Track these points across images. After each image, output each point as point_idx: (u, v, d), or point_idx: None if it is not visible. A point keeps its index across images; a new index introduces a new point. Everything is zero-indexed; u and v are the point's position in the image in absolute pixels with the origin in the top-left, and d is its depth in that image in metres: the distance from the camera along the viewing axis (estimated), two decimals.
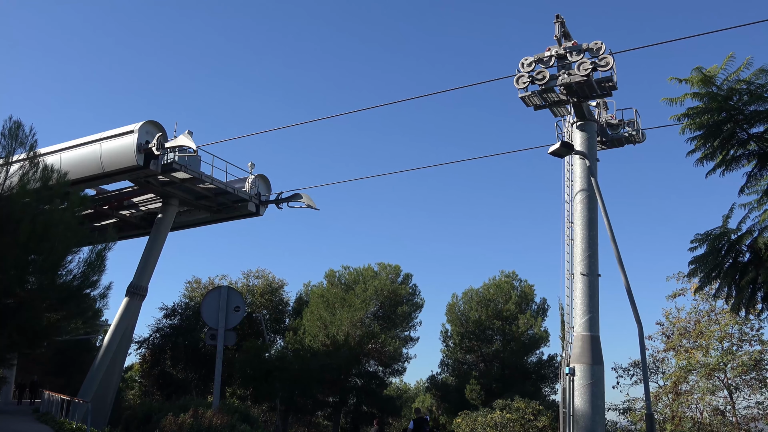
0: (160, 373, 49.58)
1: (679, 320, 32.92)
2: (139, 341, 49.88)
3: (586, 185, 23.03)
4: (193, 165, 31.92)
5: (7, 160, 14.00)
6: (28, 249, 13.49)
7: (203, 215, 37.42)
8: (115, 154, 30.27)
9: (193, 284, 52.75)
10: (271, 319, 51.98)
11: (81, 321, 16.35)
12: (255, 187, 35.43)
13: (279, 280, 53.82)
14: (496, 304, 46.11)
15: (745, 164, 15.66)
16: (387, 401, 48.64)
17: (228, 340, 16.35)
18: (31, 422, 30.21)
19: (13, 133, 14.14)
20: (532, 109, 23.20)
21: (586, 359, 21.77)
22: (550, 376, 45.47)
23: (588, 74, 21.10)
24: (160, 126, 30.63)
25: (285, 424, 45.90)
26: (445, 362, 49.00)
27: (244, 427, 14.75)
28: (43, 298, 13.83)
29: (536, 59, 22.17)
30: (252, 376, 43.14)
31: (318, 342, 44.75)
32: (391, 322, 46.79)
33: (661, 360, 33.97)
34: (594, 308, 22.31)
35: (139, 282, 34.95)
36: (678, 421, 32.06)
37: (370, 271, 48.18)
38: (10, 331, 13.29)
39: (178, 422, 14.43)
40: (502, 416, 33.01)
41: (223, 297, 16.42)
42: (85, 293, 14.67)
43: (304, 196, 34.74)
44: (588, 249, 22.67)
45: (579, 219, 23.04)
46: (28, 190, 14.00)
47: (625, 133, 25.49)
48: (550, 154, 17.70)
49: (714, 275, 16.87)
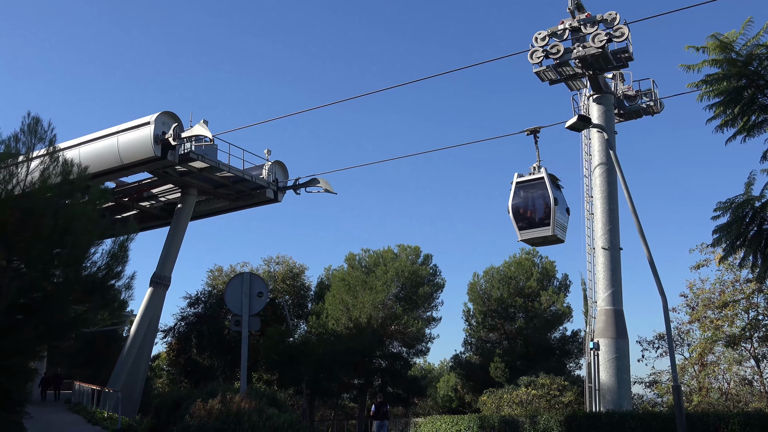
0: (186, 360, 50.19)
1: (704, 291, 32.65)
2: (165, 330, 50.49)
3: (605, 158, 22.86)
4: (210, 154, 32.08)
5: (27, 155, 14.14)
6: (51, 243, 13.65)
7: (222, 203, 37.66)
8: (133, 146, 30.49)
9: (215, 272, 53.19)
10: (293, 305, 52.31)
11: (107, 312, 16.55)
12: (272, 173, 35.55)
13: (300, 266, 54.12)
14: (517, 281, 46.03)
15: (767, 130, 15.44)
16: (412, 382, 48.93)
17: (252, 325, 16.46)
18: (64, 412, 30.83)
19: (32, 128, 14.27)
20: (547, 83, 23.00)
21: (611, 333, 21.73)
22: (574, 351, 45.42)
23: (603, 46, 20.84)
24: (176, 116, 30.78)
25: (312, 408, 46.35)
26: (469, 341, 49.11)
27: (272, 411, 14.86)
28: (69, 291, 14.00)
29: (550, 33, 21.92)
30: (277, 361, 43.54)
31: (341, 325, 45.02)
32: (412, 303, 46.92)
33: (686, 332, 33.79)
34: (617, 282, 22.23)
35: (162, 272, 35.34)
36: (705, 392, 31.94)
37: (390, 253, 48.27)
38: (38, 324, 13.50)
39: (207, 408, 14.57)
40: (527, 393, 33.01)
41: (245, 283, 16.51)
42: (109, 284, 14.84)
43: (322, 181, 34.80)
44: (609, 223, 22.54)
45: (598, 193, 22.89)
46: (49, 185, 14.14)
47: (643, 104, 25.23)
48: (568, 129, 17.55)
49: (738, 244, 16.71)
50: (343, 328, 44.73)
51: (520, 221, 20.63)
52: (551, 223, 19.96)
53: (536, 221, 20.34)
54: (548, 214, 19.95)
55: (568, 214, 21.08)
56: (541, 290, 45.37)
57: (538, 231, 20.27)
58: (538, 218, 20.32)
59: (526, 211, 20.57)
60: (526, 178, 20.61)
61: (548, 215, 19.95)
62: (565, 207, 20.99)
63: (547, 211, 19.99)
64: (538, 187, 20.29)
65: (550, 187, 20.02)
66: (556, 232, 20.25)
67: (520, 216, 20.63)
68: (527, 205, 20.57)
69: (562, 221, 20.60)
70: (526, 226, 20.52)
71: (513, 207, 20.69)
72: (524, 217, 20.58)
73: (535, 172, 20.54)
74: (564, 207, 20.81)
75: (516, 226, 20.74)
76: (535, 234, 20.45)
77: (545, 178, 20.17)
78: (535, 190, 20.38)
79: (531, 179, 20.51)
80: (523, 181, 20.66)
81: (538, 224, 20.29)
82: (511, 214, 20.74)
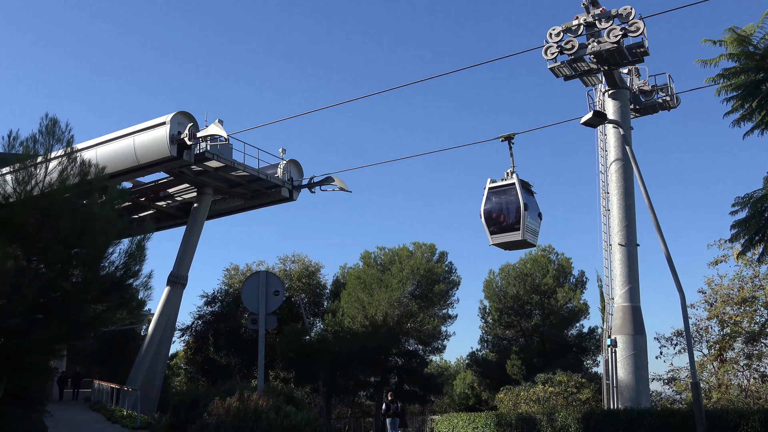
0: (204, 359, 50.48)
1: (722, 287, 32.39)
2: (182, 329, 50.76)
3: (621, 154, 22.73)
4: (225, 153, 32.21)
5: (46, 156, 14.27)
6: (70, 243, 13.77)
7: (238, 203, 37.81)
8: (149, 147, 30.68)
9: (232, 271, 53.40)
10: (309, 303, 52.43)
11: (125, 311, 16.70)
12: (287, 172, 35.63)
13: (315, 264, 54.19)
14: (533, 278, 45.90)
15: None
16: (428, 379, 48.93)
17: (269, 324, 16.52)
18: (84, 411, 31.14)
19: (50, 130, 14.40)
20: (562, 79, 22.89)
21: (628, 330, 21.61)
22: (591, 348, 45.23)
23: (618, 41, 20.70)
24: (191, 116, 30.92)
25: (328, 405, 46.45)
26: (485, 338, 49.06)
27: (290, 409, 14.91)
28: (88, 290, 14.12)
29: (564, 29, 21.80)
30: (294, 360, 43.68)
31: (357, 323, 45.08)
32: (428, 300, 46.92)
33: (705, 328, 33.51)
34: (634, 278, 22.09)
35: (179, 271, 35.56)
36: (725, 388, 31.68)
37: (405, 250, 48.29)
38: (58, 324, 13.63)
39: (225, 406, 14.66)
40: (544, 390, 32.93)
41: (262, 282, 16.57)
42: (127, 284, 14.95)
43: (336, 179, 34.83)
44: (625, 219, 22.42)
45: (615, 189, 22.77)
46: (67, 186, 14.25)
47: (659, 99, 25.05)
48: (583, 125, 17.44)
49: (757, 239, 16.56)
50: (359, 326, 44.79)
51: (491, 226, 21.17)
52: (521, 228, 20.43)
53: (507, 226, 20.83)
54: (518, 219, 20.40)
55: (540, 219, 21.56)
56: (558, 287, 45.23)
57: (508, 235, 20.80)
58: (508, 223, 20.81)
59: (498, 216, 21.06)
60: (498, 184, 21.18)
61: (518, 220, 20.42)
62: (537, 212, 21.46)
63: (517, 216, 20.46)
64: (510, 193, 20.84)
65: (520, 193, 20.51)
66: (526, 236, 20.70)
67: (492, 221, 21.16)
68: (499, 210, 21.06)
69: (533, 226, 21.07)
70: (498, 230, 21.04)
71: (485, 212, 21.23)
72: (496, 221, 21.10)
73: (508, 178, 21.04)
74: (536, 212, 21.32)
75: (487, 230, 21.28)
76: (505, 238, 20.97)
77: (516, 184, 20.69)
78: (506, 195, 20.92)
79: (503, 185, 21.07)
80: (495, 187, 21.22)
81: (508, 229, 20.80)
82: (483, 218, 21.27)
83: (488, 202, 21.18)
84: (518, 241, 20.90)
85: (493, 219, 21.06)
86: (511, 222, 20.60)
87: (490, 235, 21.21)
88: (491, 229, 21.10)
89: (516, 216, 20.46)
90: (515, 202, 20.55)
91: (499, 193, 21.07)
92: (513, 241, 20.88)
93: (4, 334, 12.89)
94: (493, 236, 21.17)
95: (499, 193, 21.07)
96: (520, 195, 20.46)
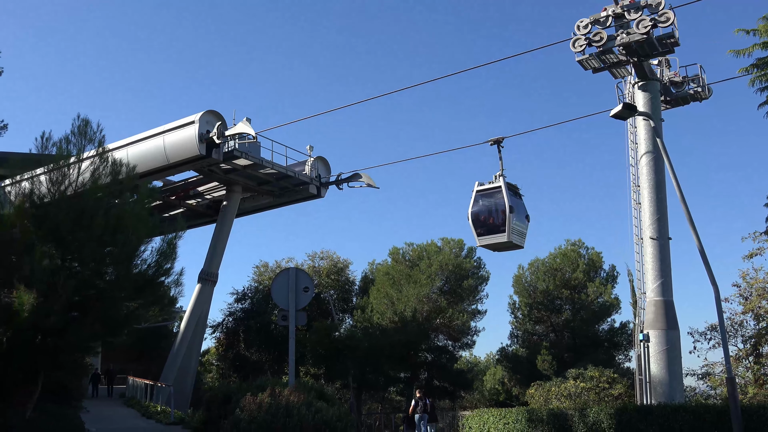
0: (235, 355, 51.00)
1: (757, 281, 31.84)
2: (214, 326, 51.33)
3: (652, 147, 22.43)
4: (253, 151, 32.45)
5: (78, 157, 14.48)
6: (103, 242, 13.97)
7: (266, 200, 38.09)
8: (178, 146, 31.03)
9: (261, 268, 53.85)
10: (338, 299, 52.65)
11: (158, 308, 16.92)
12: (315, 169, 35.79)
13: (344, 260, 54.41)
14: (563, 273, 45.49)
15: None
16: (458, 375, 48.82)
17: (299, 320, 16.65)
18: (119, 406, 31.70)
19: (82, 130, 14.60)
20: (590, 72, 22.63)
21: (661, 324, 21.35)
22: (623, 343, 44.73)
23: (648, 32, 20.40)
24: (220, 115, 31.19)
25: (359, 401, 46.62)
26: (515, 334, 48.80)
27: (321, 404, 15.02)
28: (121, 288, 14.33)
29: (592, 20, 21.54)
30: (323, 356, 43.92)
31: (386, 319, 45.14)
32: (457, 296, 46.82)
33: (740, 322, 32.99)
34: (666, 272, 21.82)
35: (209, 268, 35.98)
36: (761, 383, 31.16)
37: (433, 246, 48.22)
38: (93, 321, 13.85)
39: (257, 401, 14.81)
40: (576, 385, 32.68)
41: (291, 278, 16.71)
42: (159, 281, 15.13)
43: (364, 176, 34.88)
44: (657, 212, 22.15)
45: (645, 182, 22.50)
46: (99, 185, 14.46)
47: (690, 90, 24.65)
48: (613, 117, 17.24)
49: None
50: (388, 321, 44.85)
51: (478, 228, 21.71)
52: (507, 230, 20.90)
53: (493, 228, 21.33)
54: (504, 221, 20.91)
55: (527, 221, 22.01)
56: (588, 282, 44.78)
57: (495, 237, 21.31)
58: (495, 225, 21.31)
59: (486, 219, 21.56)
60: (485, 187, 21.71)
61: (504, 222, 20.92)
62: (525, 214, 21.91)
63: (503, 218, 20.96)
64: (497, 196, 21.34)
65: (506, 196, 20.99)
66: (512, 238, 21.14)
67: (479, 223, 21.69)
68: (486, 213, 21.60)
69: (520, 228, 21.51)
70: (484, 232, 21.59)
71: (472, 214, 21.79)
72: (483, 224, 21.62)
73: (495, 181, 21.57)
74: (523, 214, 21.78)
75: (474, 232, 21.88)
76: (492, 240, 21.47)
77: (503, 187, 21.19)
78: (493, 198, 21.43)
79: (490, 188, 21.58)
80: (483, 190, 21.75)
81: (495, 231, 21.30)
82: (470, 221, 21.83)
83: (475, 204, 21.79)
84: (504, 243, 21.45)
85: (481, 221, 21.66)
86: (498, 224, 21.19)
87: (477, 237, 21.87)
88: (478, 231, 21.72)
89: (502, 218, 21.02)
90: (501, 205, 21.12)
91: (486, 196, 21.68)
92: (499, 242, 21.44)
93: (41, 332, 13.14)
94: (480, 238, 21.80)
95: (486, 196, 21.68)
96: (506, 198, 21.00)
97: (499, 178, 21.56)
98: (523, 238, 21.83)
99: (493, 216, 21.36)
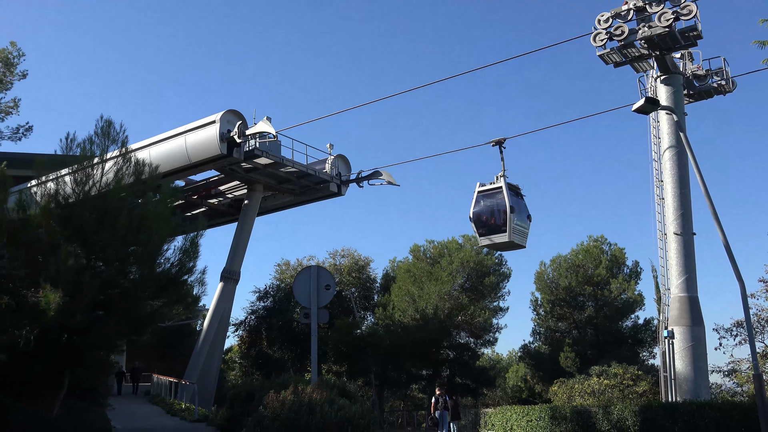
0: (257, 353, 51.34)
1: None
2: (236, 324, 51.73)
3: (675, 141, 22.21)
4: (274, 150, 32.58)
5: (102, 157, 14.62)
6: (126, 241, 14.10)
7: (287, 198, 38.23)
8: (200, 145, 31.23)
9: (283, 266, 54.15)
10: (359, 297, 52.79)
11: (181, 306, 17.04)
12: (335, 167, 35.85)
13: (365, 258, 54.53)
14: (586, 269, 45.12)
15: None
16: (480, 372, 48.74)
17: (321, 318, 16.71)
18: (144, 404, 32.05)
19: (105, 131, 14.72)
20: (612, 66, 22.45)
21: (685, 321, 21.14)
22: (647, 340, 44.27)
23: (670, 25, 20.20)
24: (240, 114, 31.34)
25: (381, 398, 46.71)
26: (537, 331, 48.54)
27: (343, 401, 15.08)
28: (145, 287, 14.45)
29: (613, 14, 21.38)
30: (345, 353, 44.05)
31: (407, 316, 45.16)
32: (479, 293, 46.71)
33: (766, 318, 32.53)
34: (690, 268, 21.60)
35: (231, 267, 36.20)
36: None
37: (454, 243, 48.13)
38: (117, 320, 13.99)
39: (280, 399, 14.90)
40: (599, 383, 32.43)
41: (313, 276, 16.77)
42: (182, 280, 15.24)
43: (384, 173, 34.88)
44: (680, 207, 21.93)
45: (669, 177, 22.29)
46: (123, 185, 14.58)
47: (714, 84, 24.39)
48: (635, 112, 17.07)
49: None
50: (410, 319, 44.86)
51: (480, 228, 22.02)
52: (508, 230, 21.11)
53: (495, 228, 21.58)
54: (505, 221, 21.12)
55: (529, 221, 22.23)
56: (611, 278, 44.37)
57: (496, 237, 21.61)
58: (496, 225, 21.54)
59: (488, 219, 21.81)
60: (486, 188, 22.00)
61: (505, 222, 21.12)
62: (526, 214, 22.09)
63: (504, 218, 21.17)
64: (498, 196, 21.59)
65: (507, 196, 21.22)
66: (514, 237, 21.34)
67: (481, 223, 21.97)
68: (487, 213, 21.84)
69: (521, 228, 21.71)
70: (486, 232, 21.88)
71: (474, 214, 22.07)
72: (484, 224, 21.89)
73: (497, 182, 21.76)
74: (524, 214, 21.99)
75: (476, 232, 22.25)
76: (493, 240, 21.82)
77: (504, 187, 21.41)
78: (494, 198, 21.69)
79: (491, 188, 21.85)
80: (484, 190, 22.04)
81: (496, 230, 21.55)
82: (472, 221, 22.12)
83: (477, 205, 22.01)
84: (505, 243, 21.67)
85: (482, 221, 21.88)
86: (499, 224, 21.40)
87: (479, 237, 22.17)
88: (480, 231, 21.98)
89: (503, 218, 21.19)
90: (502, 205, 21.30)
91: (488, 196, 21.89)
92: (500, 242, 21.71)
93: (67, 331, 13.30)
94: (481, 238, 22.12)
95: (488, 196, 21.89)
96: (507, 198, 21.17)
97: (500, 179, 21.70)
98: (524, 238, 21.98)
99: (494, 216, 21.57)
